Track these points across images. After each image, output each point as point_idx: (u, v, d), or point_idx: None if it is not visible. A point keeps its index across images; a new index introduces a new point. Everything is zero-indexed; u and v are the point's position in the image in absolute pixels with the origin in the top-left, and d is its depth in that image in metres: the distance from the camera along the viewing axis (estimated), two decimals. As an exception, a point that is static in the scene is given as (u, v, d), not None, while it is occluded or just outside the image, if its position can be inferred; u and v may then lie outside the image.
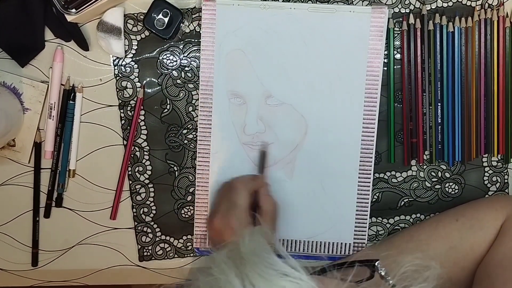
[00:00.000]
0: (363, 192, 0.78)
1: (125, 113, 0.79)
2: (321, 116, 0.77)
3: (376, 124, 0.77)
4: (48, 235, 0.81)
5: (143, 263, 0.82)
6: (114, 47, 0.76)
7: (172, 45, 0.78)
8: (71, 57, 0.78)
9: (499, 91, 0.77)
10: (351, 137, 0.77)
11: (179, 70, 0.78)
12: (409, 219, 0.81)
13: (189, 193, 0.81)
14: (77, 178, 0.80)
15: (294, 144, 0.78)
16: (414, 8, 0.77)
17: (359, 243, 0.80)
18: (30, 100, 0.78)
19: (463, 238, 0.72)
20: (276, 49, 0.76)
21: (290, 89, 0.77)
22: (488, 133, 0.78)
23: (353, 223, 0.79)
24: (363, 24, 0.75)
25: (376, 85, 0.76)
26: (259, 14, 0.76)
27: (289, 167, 0.78)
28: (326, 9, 0.76)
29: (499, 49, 0.77)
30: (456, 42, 0.76)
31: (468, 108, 0.78)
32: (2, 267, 0.82)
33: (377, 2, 0.77)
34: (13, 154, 0.79)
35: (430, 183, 0.80)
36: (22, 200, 0.81)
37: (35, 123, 0.79)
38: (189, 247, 0.82)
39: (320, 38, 0.76)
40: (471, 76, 0.77)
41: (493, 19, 0.76)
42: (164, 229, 0.82)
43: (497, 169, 0.80)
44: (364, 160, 0.78)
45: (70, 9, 0.71)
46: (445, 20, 0.76)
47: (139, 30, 0.78)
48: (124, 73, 0.78)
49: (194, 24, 0.78)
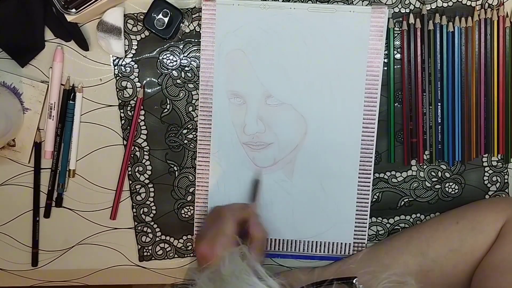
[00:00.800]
0: (363, 192, 0.78)
1: (125, 113, 0.79)
2: (321, 116, 0.77)
3: (376, 124, 0.77)
4: (48, 235, 0.81)
5: (143, 263, 0.82)
6: (114, 47, 0.76)
7: (172, 45, 0.78)
8: (71, 57, 0.78)
9: (499, 91, 0.77)
10: (351, 137, 0.77)
11: (179, 70, 0.78)
12: (409, 219, 0.81)
13: (189, 193, 0.81)
14: (77, 178, 0.80)
15: (294, 144, 0.78)
16: (414, 8, 0.77)
17: (359, 243, 0.80)
18: (30, 100, 0.78)
19: (463, 241, 0.72)
20: (276, 49, 0.76)
21: (290, 89, 0.77)
22: (488, 133, 0.78)
23: (353, 223, 0.79)
24: (363, 24, 0.75)
25: (376, 85, 0.76)
26: (259, 14, 0.76)
27: (289, 167, 0.78)
28: (326, 9, 0.76)
29: (499, 49, 0.77)
30: (456, 42, 0.76)
31: (468, 108, 0.78)
32: (2, 267, 0.82)
33: (377, 2, 0.77)
34: (13, 154, 0.79)
35: (430, 183, 0.80)
36: (22, 200, 0.81)
37: (35, 123, 0.79)
38: (189, 247, 0.82)
39: (320, 38, 0.76)
40: (471, 76, 0.77)
41: (493, 19, 0.76)
42: (164, 229, 0.82)
43: (497, 169, 0.80)
44: (364, 160, 0.78)
45: (70, 9, 0.71)
46: (445, 20, 0.76)
47: (139, 30, 0.78)
48: (124, 73, 0.78)
49: (194, 24, 0.78)
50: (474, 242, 0.72)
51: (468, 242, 0.72)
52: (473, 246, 0.72)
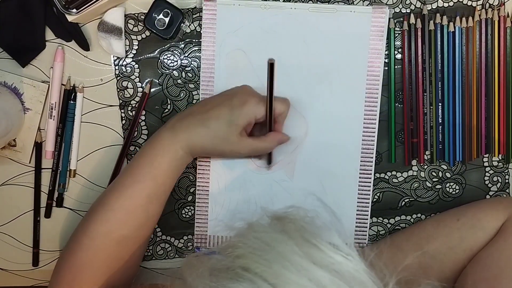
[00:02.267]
0: (364, 192, 0.78)
1: (126, 113, 0.79)
2: (322, 116, 0.77)
3: (376, 124, 0.77)
4: (49, 235, 0.81)
5: (144, 263, 0.82)
6: (115, 47, 0.76)
7: (172, 45, 0.78)
8: (72, 57, 0.78)
9: (500, 91, 0.77)
10: (351, 137, 0.77)
11: (180, 70, 0.78)
12: (409, 219, 0.81)
13: (190, 193, 0.81)
14: (77, 178, 0.80)
15: (295, 144, 0.78)
16: (414, 8, 0.77)
17: (360, 243, 0.80)
18: (30, 100, 0.78)
19: (463, 238, 0.72)
20: (276, 49, 0.76)
21: (290, 89, 0.77)
22: (489, 133, 0.78)
23: (354, 223, 0.79)
24: (363, 24, 0.75)
25: (377, 85, 0.76)
26: (259, 14, 0.76)
27: (289, 167, 0.78)
28: (326, 9, 0.76)
29: (500, 49, 0.77)
30: (457, 42, 0.76)
31: (469, 108, 0.78)
32: (3, 267, 0.82)
33: (377, 2, 0.77)
34: (14, 154, 0.79)
35: (431, 183, 0.80)
36: (23, 200, 0.81)
37: (35, 123, 0.79)
38: (190, 247, 0.82)
39: (321, 38, 0.76)
40: (472, 76, 0.77)
41: (493, 19, 0.76)
42: (165, 229, 0.82)
43: (498, 169, 0.80)
44: (365, 160, 0.78)
45: (71, 9, 0.71)
46: (445, 20, 0.76)
47: (139, 30, 0.78)
48: (124, 73, 0.78)
49: (194, 24, 0.78)
50: (473, 240, 0.72)
51: (468, 240, 0.72)
52: (472, 244, 0.72)
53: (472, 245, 0.72)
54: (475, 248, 0.71)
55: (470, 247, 0.72)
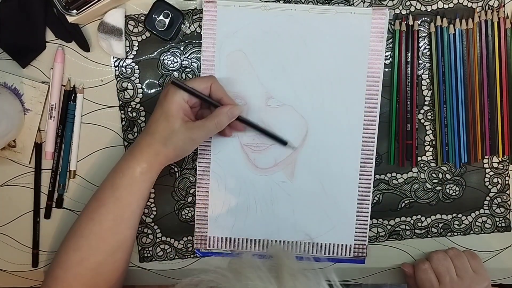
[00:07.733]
0: (364, 193, 0.78)
1: (126, 114, 0.79)
2: (322, 117, 0.77)
3: (376, 125, 0.77)
4: (49, 236, 0.81)
5: (144, 264, 0.82)
6: (115, 48, 0.76)
7: (173, 46, 0.78)
8: (72, 58, 0.78)
9: (502, 92, 0.77)
10: (351, 139, 0.77)
11: (180, 71, 0.78)
12: (409, 221, 0.81)
13: (190, 194, 0.81)
14: (77, 179, 0.80)
15: (295, 145, 0.78)
16: (414, 10, 0.77)
17: (360, 245, 0.79)
18: (30, 101, 0.78)
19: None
20: (277, 50, 0.76)
21: (290, 90, 0.77)
22: (493, 134, 0.78)
23: (354, 224, 0.79)
24: (363, 26, 0.75)
25: (377, 86, 0.76)
26: (259, 15, 0.76)
27: (289, 168, 0.78)
28: (326, 10, 0.76)
29: (501, 50, 0.77)
30: (458, 44, 0.76)
31: (472, 109, 0.78)
32: (3, 268, 0.82)
33: (377, 4, 0.77)
34: (14, 154, 0.79)
35: (431, 184, 0.80)
36: (23, 201, 0.81)
37: (35, 124, 0.79)
38: (190, 248, 0.82)
39: (321, 40, 0.76)
40: (473, 78, 0.77)
41: (493, 20, 0.76)
42: (165, 230, 0.82)
43: (498, 170, 0.80)
44: (365, 162, 0.78)
45: (71, 10, 0.71)
46: (446, 22, 0.76)
47: (140, 31, 0.78)
48: (125, 74, 0.78)
49: (195, 25, 0.78)
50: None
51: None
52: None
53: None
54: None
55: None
